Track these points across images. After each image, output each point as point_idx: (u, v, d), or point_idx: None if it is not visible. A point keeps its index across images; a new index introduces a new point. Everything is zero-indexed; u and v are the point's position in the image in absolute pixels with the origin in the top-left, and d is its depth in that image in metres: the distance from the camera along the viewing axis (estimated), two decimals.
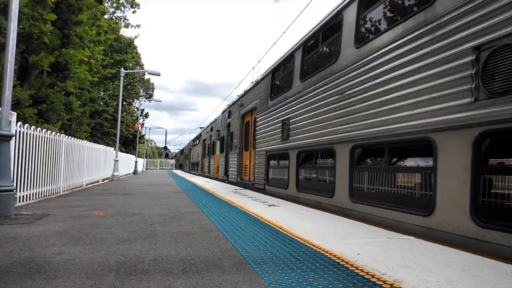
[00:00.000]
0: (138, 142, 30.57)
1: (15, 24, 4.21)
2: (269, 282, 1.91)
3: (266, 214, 4.49)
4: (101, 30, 19.23)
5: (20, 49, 10.27)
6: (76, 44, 13.26)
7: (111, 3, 26.88)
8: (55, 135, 6.78)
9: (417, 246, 2.81)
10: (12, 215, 3.96)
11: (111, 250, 2.54)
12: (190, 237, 3.03)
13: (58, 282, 1.85)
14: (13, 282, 1.84)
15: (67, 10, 12.18)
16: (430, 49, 3.51)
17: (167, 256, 2.40)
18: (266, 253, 2.52)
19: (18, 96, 9.68)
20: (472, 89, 3.01)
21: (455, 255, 2.52)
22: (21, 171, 5.22)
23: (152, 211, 4.62)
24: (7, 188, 3.97)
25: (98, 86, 25.32)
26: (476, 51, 3.01)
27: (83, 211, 4.55)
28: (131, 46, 30.30)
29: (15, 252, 2.42)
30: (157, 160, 53.19)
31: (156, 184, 11.24)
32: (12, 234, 3.00)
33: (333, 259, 2.38)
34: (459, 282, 1.94)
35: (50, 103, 12.15)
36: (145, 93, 43.30)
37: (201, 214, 4.48)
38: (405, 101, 3.81)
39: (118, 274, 2.01)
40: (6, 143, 4.06)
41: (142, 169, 31.14)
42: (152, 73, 17.00)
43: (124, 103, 33.53)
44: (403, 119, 3.83)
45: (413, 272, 2.11)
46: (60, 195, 6.71)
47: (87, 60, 16.17)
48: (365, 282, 1.93)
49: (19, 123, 5.11)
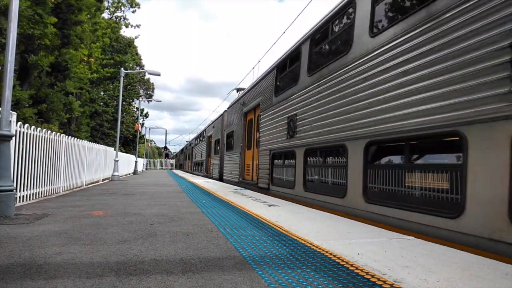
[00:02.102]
0: (138, 142, 30.57)
1: (15, 24, 4.21)
2: (269, 282, 1.91)
3: (266, 214, 4.49)
4: (98, 26, 19.23)
5: (20, 50, 10.28)
6: (76, 45, 13.27)
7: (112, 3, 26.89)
8: (55, 135, 6.78)
9: (417, 246, 2.81)
10: (12, 215, 3.96)
11: (111, 250, 2.54)
12: (190, 237, 3.03)
13: (58, 282, 1.85)
14: (13, 282, 1.84)
15: (67, 10, 12.19)
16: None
17: (167, 256, 2.40)
18: (266, 253, 2.52)
19: (18, 96, 9.69)
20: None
21: (455, 255, 2.52)
22: (21, 171, 5.22)
23: (152, 211, 4.62)
24: (7, 188, 3.97)
25: (98, 86, 25.32)
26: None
27: (83, 211, 4.55)
28: (131, 46, 30.32)
29: (15, 252, 2.42)
30: (157, 160, 53.17)
31: (156, 184, 11.24)
32: (12, 234, 3.00)
33: (333, 259, 2.38)
34: (459, 282, 1.94)
35: (50, 103, 12.15)
36: (145, 93, 43.29)
37: (201, 214, 4.48)
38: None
39: (118, 274, 2.01)
40: (6, 143, 4.06)
41: (142, 169, 31.14)
42: (152, 73, 16.99)
43: (124, 103, 33.53)
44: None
45: (413, 272, 2.11)
46: (60, 195, 6.71)
47: (86, 59, 16.18)
48: (365, 282, 1.93)
49: (19, 123, 5.11)
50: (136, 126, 26.55)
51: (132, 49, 30.48)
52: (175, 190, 8.48)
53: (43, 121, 11.86)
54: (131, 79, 33.97)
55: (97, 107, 25.43)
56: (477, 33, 3.06)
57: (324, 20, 6.30)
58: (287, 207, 5.27)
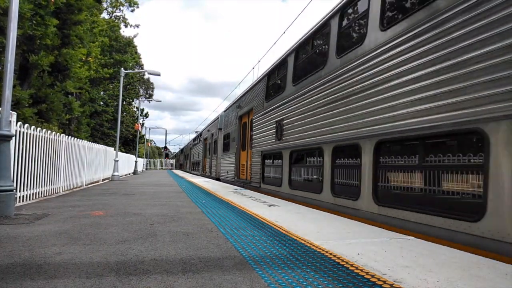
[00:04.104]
0: (138, 142, 30.56)
1: (15, 24, 4.21)
2: (269, 282, 1.91)
3: (266, 214, 4.49)
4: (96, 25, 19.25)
5: (21, 50, 10.29)
6: (76, 45, 13.28)
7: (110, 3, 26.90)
8: (55, 135, 6.78)
9: (417, 246, 2.81)
10: (12, 215, 3.96)
11: (111, 250, 2.54)
12: (190, 237, 3.03)
13: (58, 282, 1.85)
14: (13, 282, 1.84)
15: (66, 10, 12.18)
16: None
17: (167, 256, 2.40)
18: (266, 253, 2.52)
19: (18, 96, 9.68)
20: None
21: (455, 255, 2.52)
22: (21, 171, 5.22)
23: (152, 211, 4.62)
24: (7, 188, 3.97)
25: (98, 86, 25.32)
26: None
27: (83, 211, 4.55)
28: (130, 46, 30.32)
29: (15, 252, 2.42)
30: (157, 160, 53.16)
31: (156, 184, 11.24)
32: (12, 234, 3.00)
33: (333, 259, 2.38)
34: (459, 282, 1.94)
35: (50, 103, 12.14)
36: (145, 93, 43.28)
37: (201, 214, 4.48)
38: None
39: (118, 274, 2.01)
40: (6, 143, 4.06)
41: (142, 169, 31.14)
42: (152, 73, 16.98)
43: (124, 103, 33.52)
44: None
45: (413, 272, 2.11)
46: (60, 195, 6.71)
47: (85, 58, 16.18)
48: (365, 282, 1.93)
49: (19, 123, 5.11)
50: (136, 126, 26.56)
51: (131, 48, 30.48)
52: (175, 190, 8.48)
53: (43, 121, 11.85)
54: (131, 79, 33.95)
55: (97, 107, 25.41)
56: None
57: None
58: (287, 207, 5.27)
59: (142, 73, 35.21)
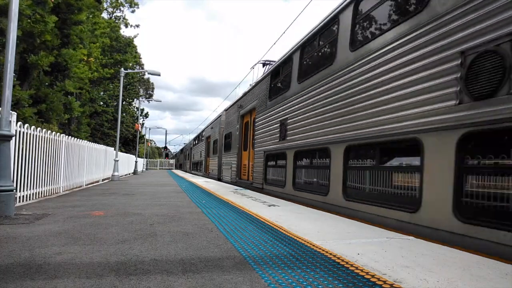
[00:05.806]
0: (138, 142, 30.56)
1: (15, 24, 4.21)
2: (269, 282, 1.91)
3: (266, 214, 4.49)
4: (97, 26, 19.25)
5: (21, 48, 10.28)
6: (76, 44, 13.28)
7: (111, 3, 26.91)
8: (55, 135, 6.78)
9: (417, 246, 2.81)
10: (12, 215, 3.96)
11: (111, 250, 2.54)
12: (190, 237, 3.03)
13: (58, 282, 1.85)
14: (13, 282, 1.84)
15: (66, 10, 12.18)
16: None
17: (167, 256, 2.40)
18: (266, 253, 2.52)
19: (18, 96, 9.69)
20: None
21: (455, 255, 2.52)
22: (21, 171, 5.22)
23: (152, 211, 4.62)
24: (7, 188, 3.96)
25: (98, 86, 25.33)
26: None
27: (83, 211, 4.55)
28: (131, 46, 30.32)
29: (15, 252, 2.42)
30: (157, 160, 53.19)
31: (156, 184, 11.24)
32: (12, 234, 3.00)
33: (333, 259, 2.38)
34: (459, 282, 1.94)
35: (50, 102, 12.15)
36: (145, 93, 43.29)
37: (201, 214, 4.48)
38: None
39: (118, 274, 2.01)
40: (6, 143, 4.06)
41: (142, 169, 31.14)
42: (152, 73, 16.96)
43: (124, 103, 33.53)
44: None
45: (413, 272, 2.11)
46: (60, 195, 6.71)
47: (86, 59, 16.18)
48: (365, 282, 1.93)
49: (19, 123, 5.11)
50: (136, 126, 26.55)
51: (131, 48, 30.48)
52: (175, 190, 8.48)
53: (43, 121, 11.86)
54: (131, 79, 33.96)
55: (97, 107, 25.42)
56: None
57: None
58: (287, 207, 5.27)
59: (142, 73, 35.23)
